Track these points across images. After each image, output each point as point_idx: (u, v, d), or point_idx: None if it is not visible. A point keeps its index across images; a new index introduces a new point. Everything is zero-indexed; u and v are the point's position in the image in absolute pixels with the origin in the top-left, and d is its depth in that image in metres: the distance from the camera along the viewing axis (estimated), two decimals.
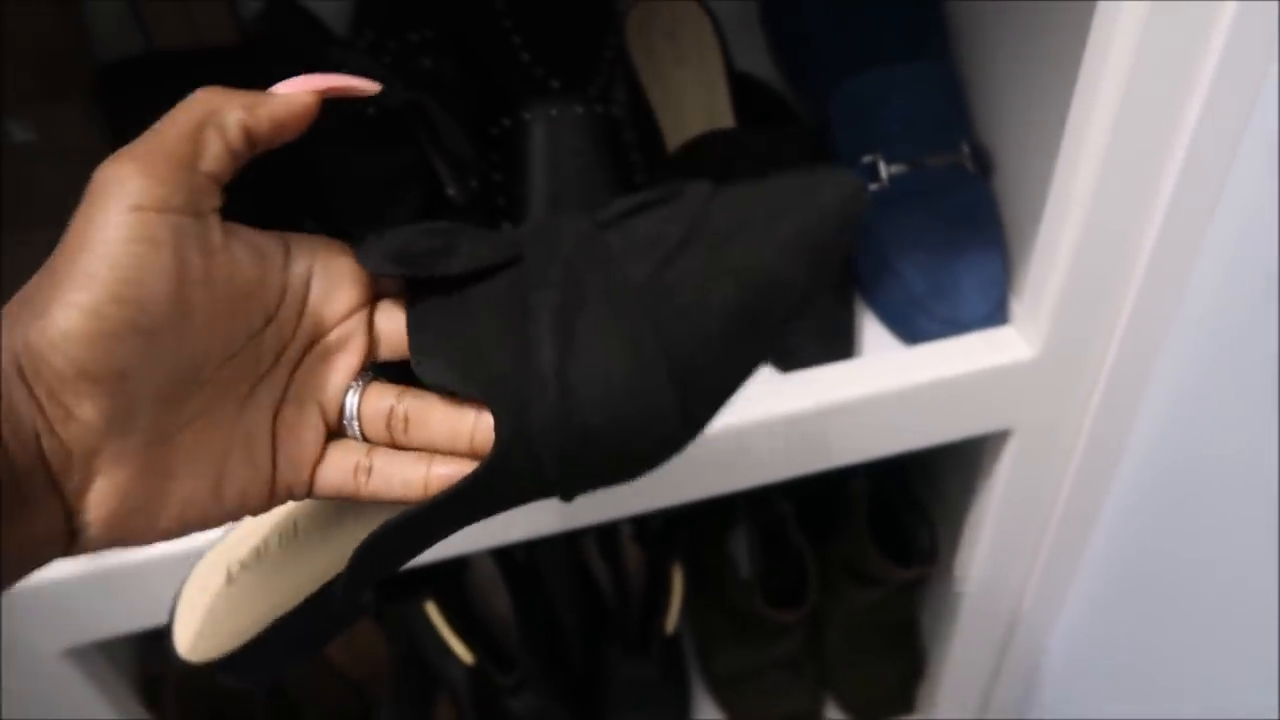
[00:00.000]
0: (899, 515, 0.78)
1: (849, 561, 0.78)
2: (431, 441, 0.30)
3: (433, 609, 0.75)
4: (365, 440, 0.30)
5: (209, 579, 0.36)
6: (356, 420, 0.30)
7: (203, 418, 0.27)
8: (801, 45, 0.69)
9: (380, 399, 0.30)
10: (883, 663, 0.86)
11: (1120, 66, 0.45)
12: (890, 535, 0.77)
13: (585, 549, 0.85)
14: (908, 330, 0.60)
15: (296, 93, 0.28)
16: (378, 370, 0.31)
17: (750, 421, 0.55)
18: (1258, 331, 0.51)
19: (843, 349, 0.59)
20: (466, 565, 0.80)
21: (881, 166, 0.60)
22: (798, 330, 0.57)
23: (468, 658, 0.75)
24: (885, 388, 0.56)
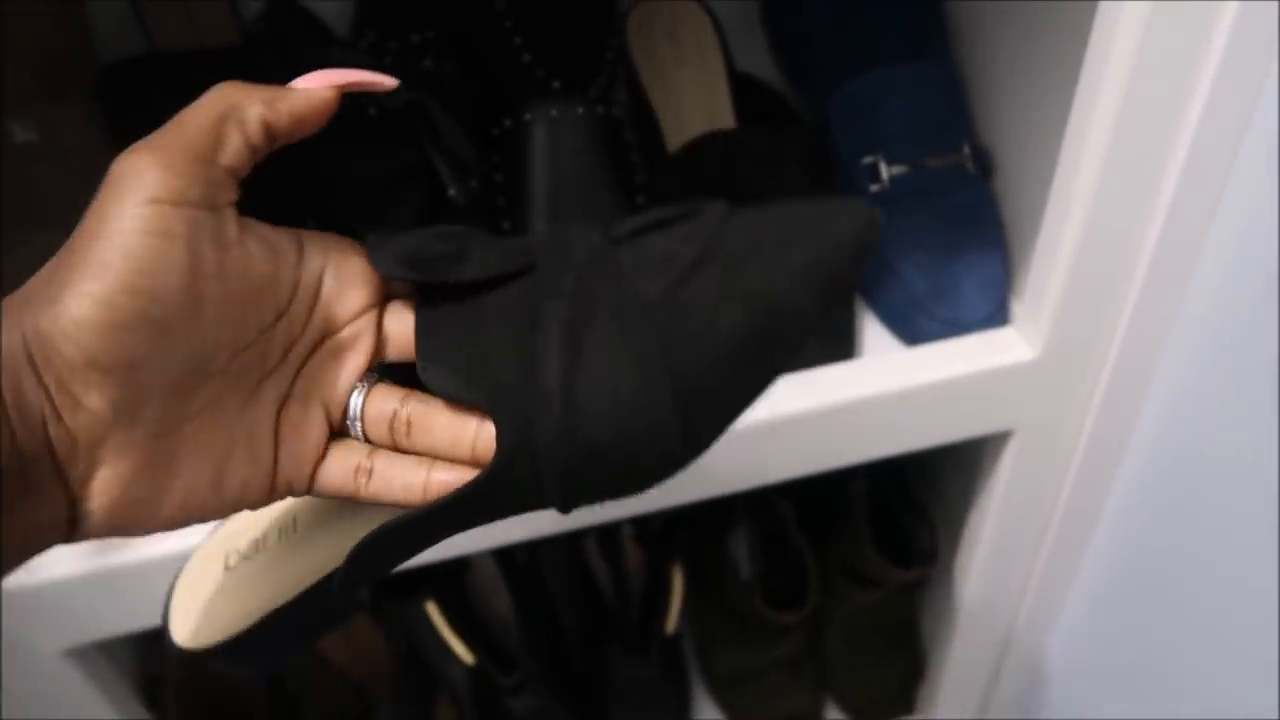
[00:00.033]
0: (899, 516, 0.78)
1: (849, 562, 0.78)
2: (433, 447, 0.29)
3: (433, 609, 0.74)
4: (367, 441, 0.30)
5: (206, 567, 0.36)
6: (360, 421, 0.30)
7: (209, 410, 0.27)
8: (802, 45, 0.69)
9: (384, 401, 0.30)
10: (883, 664, 0.86)
11: (1122, 67, 0.45)
12: (890, 536, 0.77)
13: (586, 549, 0.85)
14: (908, 331, 0.60)
15: (316, 88, 0.28)
16: (384, 372, 0.31)
17: (751, 422, 0.55)
18: (1259, 332, 0.51)
19: (843, 350, 0.59)
20: (467, 565, 0.80)
21: (882, 167, 0.60)
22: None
23: (468, 658, 0.75)
24: (886, 388, 0.56)
